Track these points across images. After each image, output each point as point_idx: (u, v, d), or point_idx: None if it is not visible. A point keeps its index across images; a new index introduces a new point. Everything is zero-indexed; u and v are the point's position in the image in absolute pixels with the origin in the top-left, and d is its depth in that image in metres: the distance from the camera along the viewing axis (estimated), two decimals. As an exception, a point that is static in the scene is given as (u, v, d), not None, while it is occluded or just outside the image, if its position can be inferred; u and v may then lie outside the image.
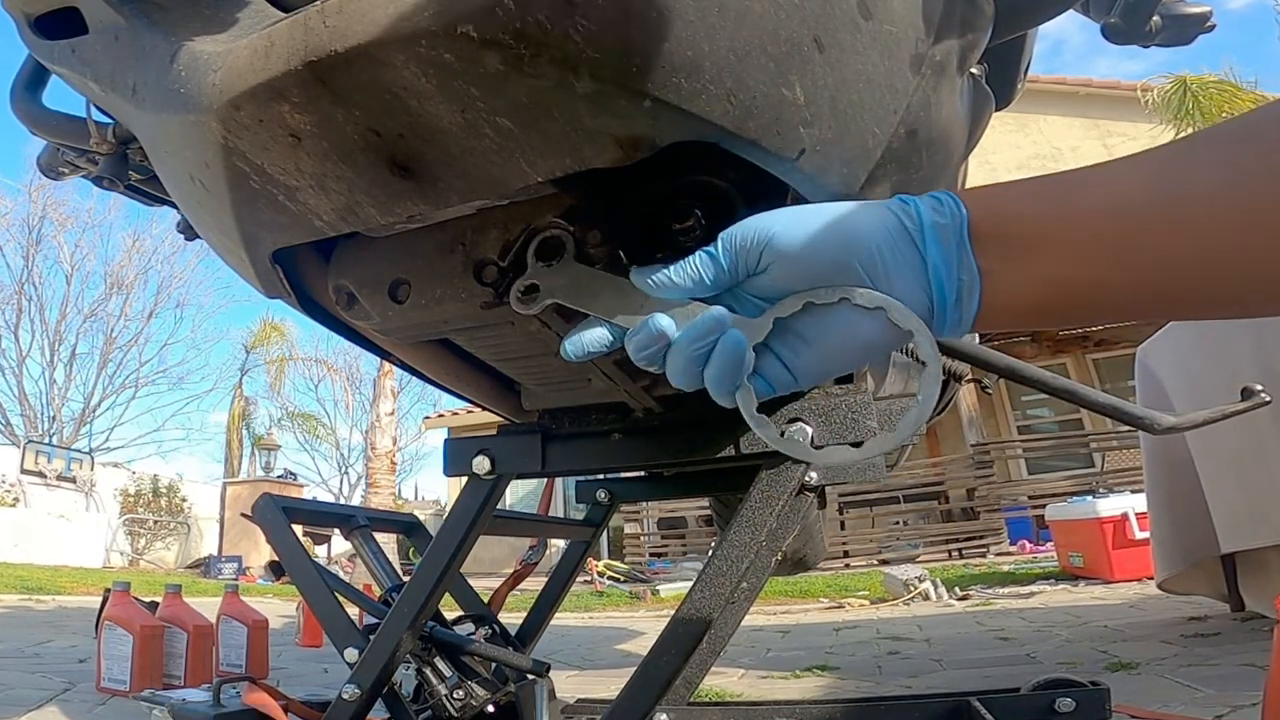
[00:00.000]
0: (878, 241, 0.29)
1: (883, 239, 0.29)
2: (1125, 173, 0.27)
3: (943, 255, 0.29)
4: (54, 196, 13.99)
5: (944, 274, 0.29)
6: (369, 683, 0.77)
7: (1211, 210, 0.24)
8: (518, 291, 0.45)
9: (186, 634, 1.76)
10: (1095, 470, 6.67)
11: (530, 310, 0.45)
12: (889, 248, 0.29)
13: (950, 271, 0.29)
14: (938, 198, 0.30)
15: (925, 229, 0.29)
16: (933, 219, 0.29)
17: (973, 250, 0.28)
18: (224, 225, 0.52)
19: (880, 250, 0.29)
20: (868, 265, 0.29)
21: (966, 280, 0.29)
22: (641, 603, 4.74)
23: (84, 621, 2.63)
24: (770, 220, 0.31)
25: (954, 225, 0.29)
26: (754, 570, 0.68)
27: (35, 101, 0.64)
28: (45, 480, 9.07)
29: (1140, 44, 0.74)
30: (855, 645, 2.40)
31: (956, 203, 0.29)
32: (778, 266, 0.31)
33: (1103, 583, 3.51)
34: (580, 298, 0.42)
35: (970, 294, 0.29)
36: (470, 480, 0.77)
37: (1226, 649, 1.64)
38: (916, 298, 0.29)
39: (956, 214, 0.29)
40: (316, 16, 0.40)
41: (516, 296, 0.45)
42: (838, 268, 0.30)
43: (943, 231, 0.29)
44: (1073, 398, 0.79)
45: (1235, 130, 0.26)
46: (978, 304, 0.29)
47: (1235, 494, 1.57)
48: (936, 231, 0.29)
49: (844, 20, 0.44)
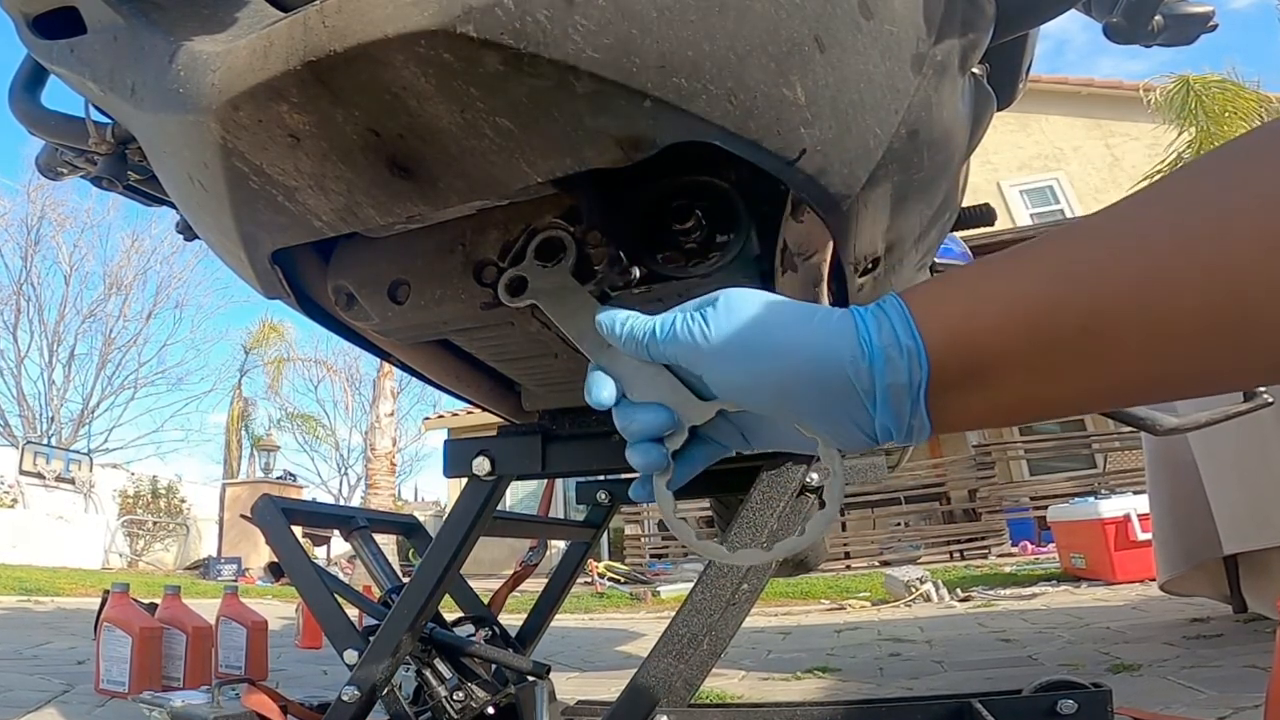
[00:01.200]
0: (820, 401, 0.27)
1: (828, 398, 0.27)
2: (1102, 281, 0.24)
3: (894, 417, 0.27)
4: (53, 197, 14.00)
5: (892, 428, 0.27)
6: (368, 685, 0.77)
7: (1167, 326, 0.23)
8: (505, 280, 0.45)
9: (185, 635, 1.75)
10: (1097, 471, 6.66)
11: (513, 303, 0.45)
12: (834, 405, 0.27)
13: (899, 426, 0.27)
14: (899, 342, 0.26)
15: (878, 392, 0.27)
16: (888, 380, 0.26)
17: (926, 403, 0.27)
18: (223, 225, 0.52)
19: (821, 408, 0.28)
20: (806, 416, 0.28)
21: (916, 426, 0.27)
22: (642, 604, 4.74)
23: (83, 623, 2.63)
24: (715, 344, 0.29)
25: (910, 385, 0.26)
26: (755, 572, 0.67)
27: (34, 101, 0.64)
28: (44, 481, 9.06)
29: (1142, 44, 0.73)
30: (856, 647, 2.40)
31: (919, 350, 0.26)
32: (716, 388, 0.29)
33: (1105, 584, 3.50)
34: (558, 309, 0.42)
35: (919, 434, 0.28)
36: (470, 481, 0.77)
37: (1229, 650, 1.64)
38: (856, 438, 0.28)
39: (917, 371, 0.26)
40: (316, 16, 0.40)
41: (504, 285, 0.45)
42: (776, 407, 0.28)
43: (896, 393, 0.26)
44: (1074, 399, 0.79)
45: None
46: (925, 437, 0.28)
47: (1237, 495, 1.57)
48: (889, 394, 0.27)
49: (845, 20, 0.44)
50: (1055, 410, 0.27)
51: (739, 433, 0.32)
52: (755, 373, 0.28)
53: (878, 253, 0.59)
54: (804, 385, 0.27)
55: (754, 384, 0.28)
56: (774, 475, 0.68)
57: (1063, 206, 8.46)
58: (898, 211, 0.58)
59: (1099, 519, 3.57)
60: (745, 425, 0.31)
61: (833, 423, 0.28)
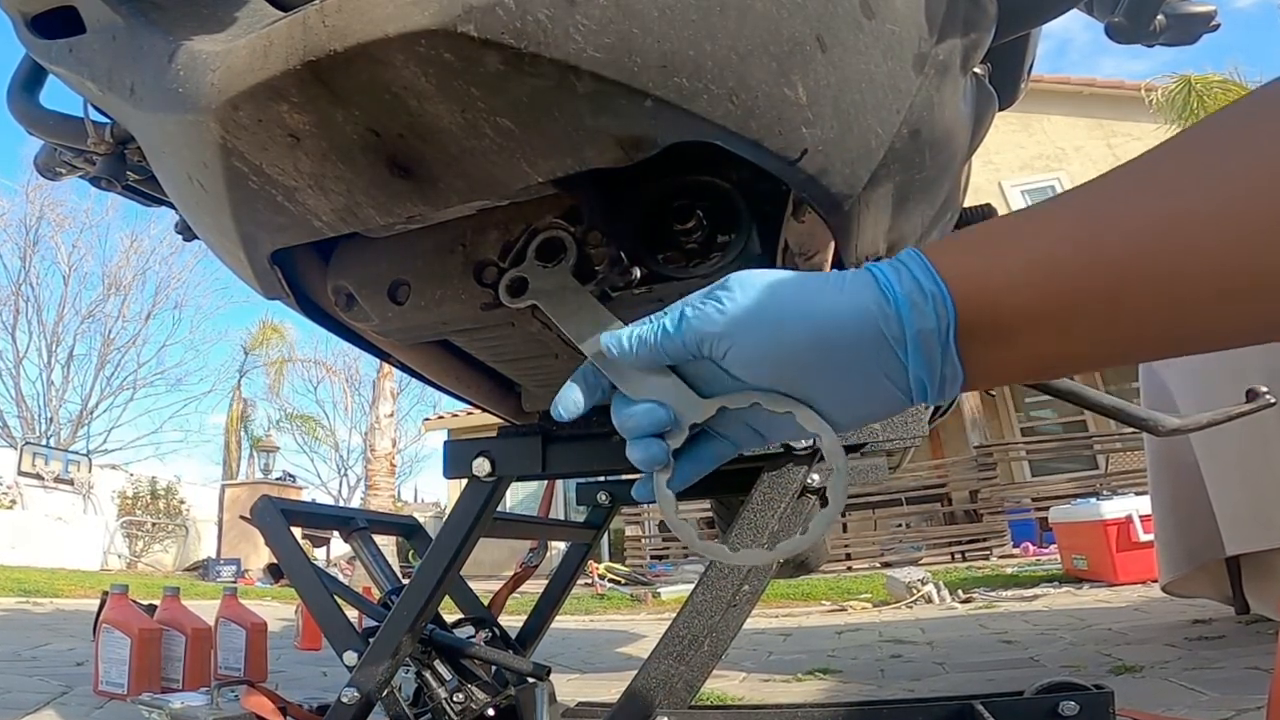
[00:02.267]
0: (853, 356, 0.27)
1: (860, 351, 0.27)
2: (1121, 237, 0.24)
3: (926, 364, 0.27)
4: (51, 197, 13.99)
5: (925, 378, 0.27)
6: (368, 686, 0.77)
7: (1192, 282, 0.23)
8: (506, 281, 0.45)
9: (185, 637, 1.75)
10: (1099, 472, 6.65)
11: (513, 304, 0.45)
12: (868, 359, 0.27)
13: (932, 375, 0.27)
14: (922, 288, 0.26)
15: (908, 339, 0.26)
16: (916, 327, 0.26)
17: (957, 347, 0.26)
18: (222, 226, 0.52)
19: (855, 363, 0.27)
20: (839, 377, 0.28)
21: (949, 375, 0.27)
22: (643, 605, 4.74)
23: (81, 624, 2.63)
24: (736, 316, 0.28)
25: (939, 329, 0.26)
26: (755, 573, 0.67)
27: (33, 101, 0.64)
28: (43, 482, 9.05)
29: (1144, 43, 0.73)
30: (857, 648, 2.39)
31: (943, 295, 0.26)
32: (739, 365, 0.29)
33: (1106, 585, 3.50)
34: (559, 310, 0.42)
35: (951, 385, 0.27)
36: (470, 482, 0.76)
37: (1231, 652, 1.64)
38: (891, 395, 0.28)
39: (944, 314, 0.26)
40: (315, 16, 0.40)
41: (505, 285, 0.45)
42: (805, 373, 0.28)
43: (926, 339, 0.26)
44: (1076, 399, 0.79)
45: None
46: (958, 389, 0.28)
47: (1240, 496, 1.57)
48: (920, 341, 0.26)
49: (846, 19, 0.44)
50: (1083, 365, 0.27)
51: (747, 427, 0.31)
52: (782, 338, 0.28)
53: (879, 253, 0.58)
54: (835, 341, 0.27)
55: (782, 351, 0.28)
56: (775, 476, 0.68)
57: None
58: (899, 212, 0.58)
59: (1101, 520, 3.56)
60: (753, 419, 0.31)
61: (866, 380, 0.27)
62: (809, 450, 0.67)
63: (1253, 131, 0.23)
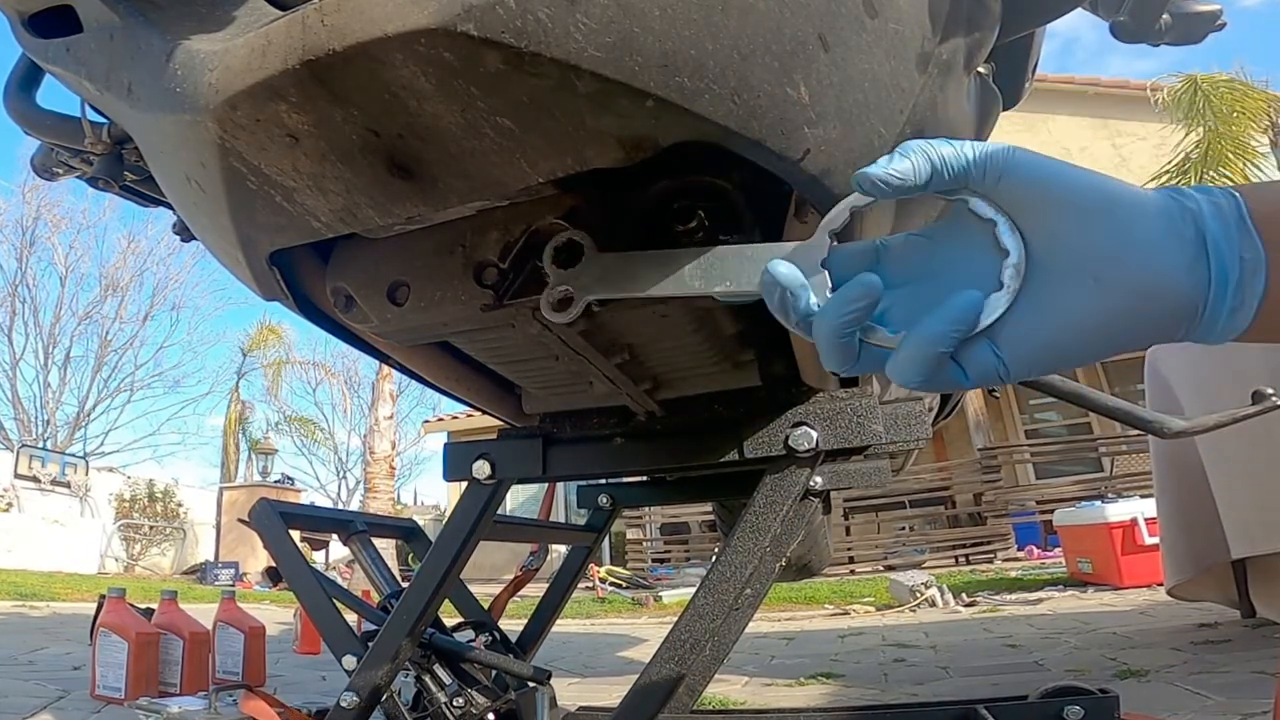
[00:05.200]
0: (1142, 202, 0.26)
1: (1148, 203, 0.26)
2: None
3: (1222, 229, 0.25)
4: (48, 197, 14.01)
5: (1224, 248, 0.25)
6: (367, 690, 0.76)
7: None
8: (550, 303, 0.44)
9: (182, 641, 1.75)
10: (1104, 475, 6.62)
11: (570, 318, 0.44)
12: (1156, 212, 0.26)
13: (1231, 247, 0.25)
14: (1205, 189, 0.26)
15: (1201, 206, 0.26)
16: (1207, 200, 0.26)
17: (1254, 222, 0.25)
18: (220, 227, 0.52)
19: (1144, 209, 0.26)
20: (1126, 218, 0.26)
21: (1249, 259, 0.25)
22: (644, 609, 4.72)
23: (79, 628, 2.62)
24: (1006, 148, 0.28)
25: (1230, 206, 0.26)
26: (758, 576, 0.67)
27: (29, 101, 0.64)
28: (39, 485, 9.04)
29: (1149, 42, 0.73)
30: (860, 652, 2.38)
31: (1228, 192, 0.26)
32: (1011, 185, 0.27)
33: (1112, 589, 3.48)
34: (617, 286, 0.42)
35: (1255, 274, 0.25)
36: (470, 485, 0.76)
37: (1237, 656, 1.63)
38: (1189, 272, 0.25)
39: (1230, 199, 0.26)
40: (314, 15, 0.39)
41: (550, 308, 0.44)
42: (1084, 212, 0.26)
43: (1219, 210, 0.25)
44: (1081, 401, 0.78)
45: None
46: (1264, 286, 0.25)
47: (1246, 499, 1.56)
48: (1214, 209, 0.25)
49: (849, 18, 0.43)
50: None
51: None
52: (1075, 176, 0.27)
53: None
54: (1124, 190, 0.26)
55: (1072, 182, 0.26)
56: (777, 479, 0.68)
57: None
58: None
59: (1106, 523, 3.55)
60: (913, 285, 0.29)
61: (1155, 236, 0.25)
62: (811, 453, 0.67)
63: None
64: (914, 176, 0.28)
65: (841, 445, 0.67)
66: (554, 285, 0.45)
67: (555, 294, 0.44)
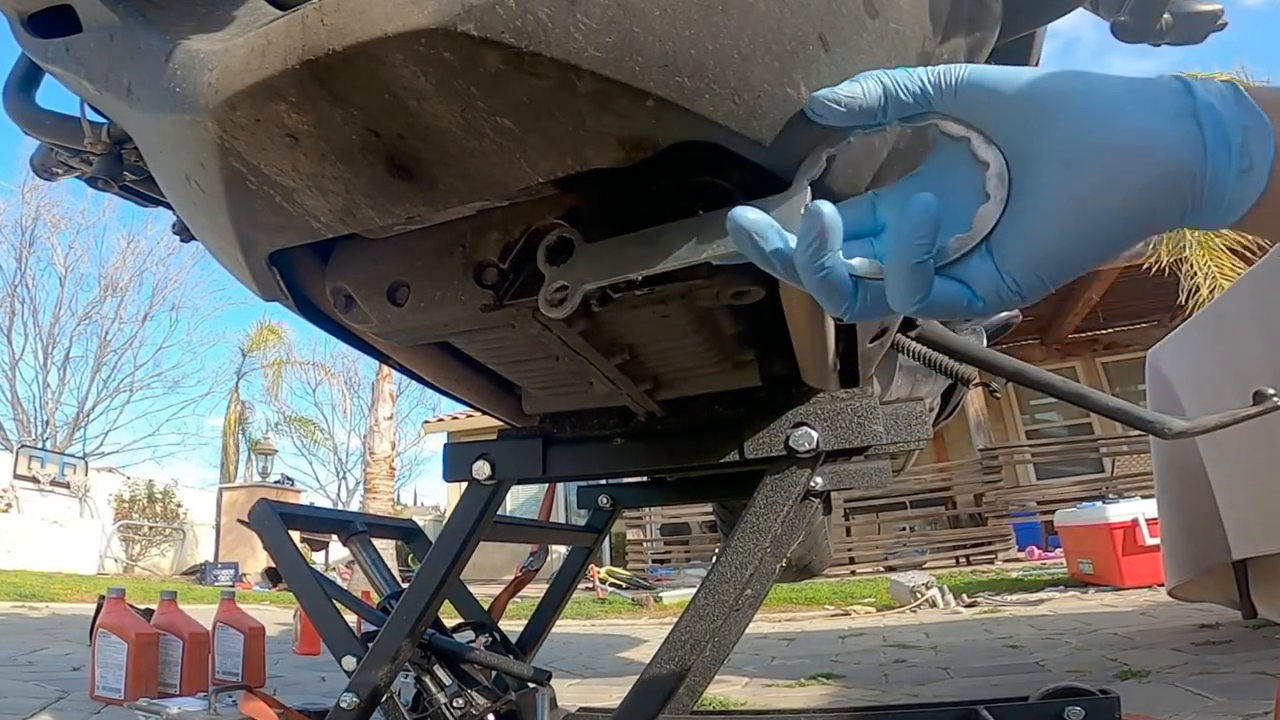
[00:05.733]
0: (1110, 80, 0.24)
1: (1117, 80, 0.24)
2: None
3: (1216, 97, 0.23)
4: (48, 198, 14.02)
5: (1221, 113, 0.23)
6: (367, 691, 0.76)
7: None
8: (548, 298, 0.44)
9: (182, 641, 1.75)
10: (1105, 475, 6.62)
11: (567, 311, 0.44)
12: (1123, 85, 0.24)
13: (1228, 112, 0.23)
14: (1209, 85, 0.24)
15: (1186, 81, 0.24)
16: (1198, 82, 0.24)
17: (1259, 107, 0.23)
18: (220, 227, 0.51)
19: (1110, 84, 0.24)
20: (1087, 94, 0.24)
21: (1251, 125, 0.23)
22: (644, 610, 4.72)
23: (78, 629, 2.62)
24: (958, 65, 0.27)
25: (1226, 86, 0.23)
26: (758, 577, 0.66)
27: (28, 101, 0.63)
28: (39, 485, 9.03)
29: (1150, 42, 0.73)
30: (861, 653, 2.38)
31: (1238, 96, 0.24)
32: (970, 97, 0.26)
33: (1113, 589, 3.48)
34: (610, 270, 0.42)
35: (1262, 138, 0.23)
36: (470, 485, 0.76)
37: (1238, 657, 1.62)
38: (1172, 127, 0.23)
39: (1226, 84, 0.24)
40: (314, 14, 0.39)
41: (548, 304, 0.44)
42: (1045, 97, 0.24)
43: (1211, 87, 0.23)
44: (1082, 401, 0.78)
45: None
46: (1272, 153, 0.23)
47: (1247, 499, 1.55)
48: (1203, 85, 0.24)
49: (850, 18, 0.43)
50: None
51: None
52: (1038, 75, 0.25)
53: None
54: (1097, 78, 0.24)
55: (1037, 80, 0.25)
56: (778, 480, 0.67)
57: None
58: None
59: (1106, 524, 3.55)
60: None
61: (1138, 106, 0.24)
62: (812, 453, 0.67)
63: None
64: (864, 97, 0.28)
65: (842, 446, 0.67)
66: (550, 282, 0.45)
67: (551, 289, 0.44)
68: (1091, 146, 0.24)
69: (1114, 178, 0.24)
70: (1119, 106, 0.24)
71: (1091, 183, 0.24)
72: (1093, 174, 0.24)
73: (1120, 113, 0.24)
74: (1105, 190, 0.24)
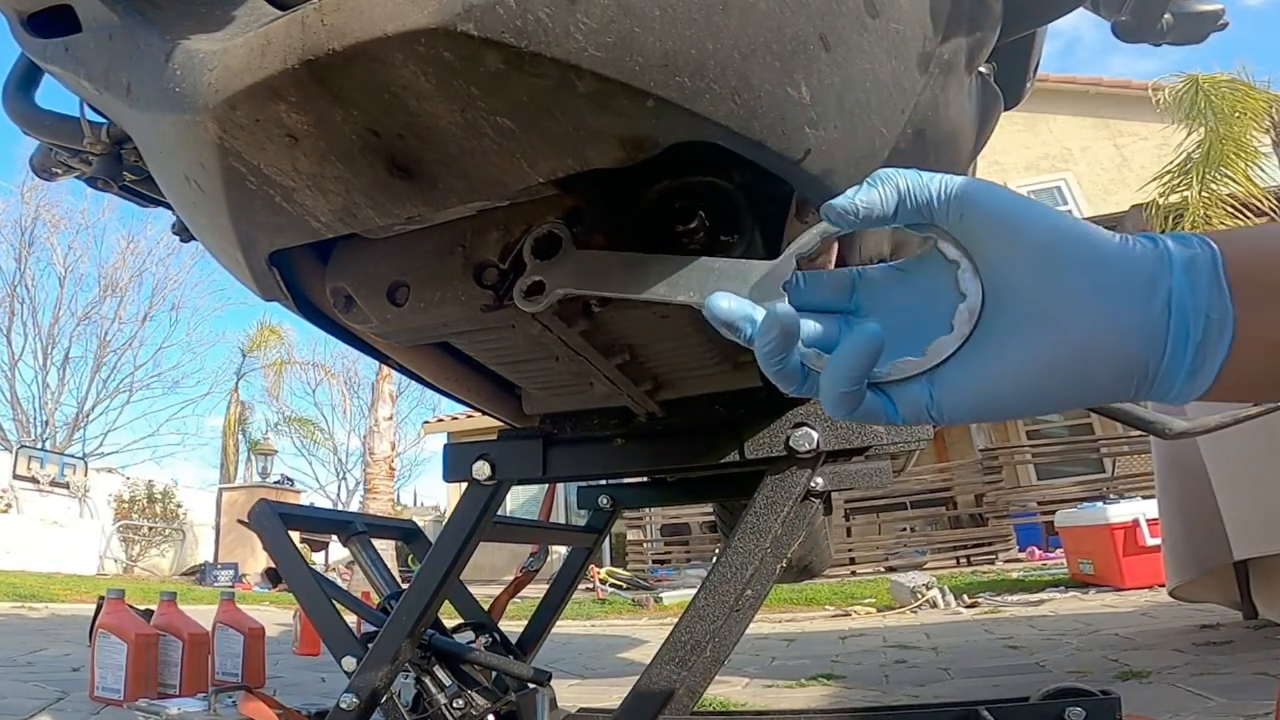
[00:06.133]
0: (1101, 245, 0.24)
1: (1108, 247, 0.24)
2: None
3: (1190, 283, 0.23)
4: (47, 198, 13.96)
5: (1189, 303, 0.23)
6: (367, 692, 0.76)
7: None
8: (521, 290, 0.45)
9: (182, 642, 1.75)
10: (1106, 475, 6.61)
11: (537, 308, 0.44)
12: (1114, 256, 0.24)
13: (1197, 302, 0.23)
14: (1181, 237, 0.24)
15: (1172, 255, 0.24)
16: (1180, 250, 0.24)
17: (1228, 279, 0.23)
18: (220, 227, 0.51)
19: (1101, 252, 0.24)
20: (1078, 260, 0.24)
21: (1216, 319, 0.23)
22: (644, 610, 4.72)
23: (77, 630, 2.62)
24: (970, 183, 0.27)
25: (1205, 258, 0.23)
26: (758, 577, 0.66)
27: (28, 101, 0.63)
28: (38, 486, 9.02)
29: (1151, 42, 0.73)
30: (862, 653, 2.38)
31: (1204, 240, 0.24)
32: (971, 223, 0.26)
33: (1113, 590, 3.48)
34: (588, 283, 0.42)
35: (1219, 335, 0.23)
36: (470, 486, 0.76)
37: (1239, 657, 1.62)
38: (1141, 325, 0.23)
39: (1205, 248, 0.24)
40: (314, 14, 0.39)
41: (521, 295, 0.44)
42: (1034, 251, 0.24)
43: (1192, 262, 0.23)
44: (1083, 402, 0.78)
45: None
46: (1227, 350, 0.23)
47: (1248, 500, 1.55)
48: (1186, 260, 0.23)
49: (851, 18, 0.43)
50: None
51: None
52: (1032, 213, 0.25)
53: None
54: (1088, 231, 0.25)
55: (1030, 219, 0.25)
56: (778, 480, 0.67)
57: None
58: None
59: (1107, 524, 3.55)
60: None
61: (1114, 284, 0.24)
62: (812, 453, 0.67)
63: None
64: (881, 207, 0.27)
65: (842, 446, 0.67)
66: (529, 274, 0.45)
67: (527, 281, 0.45)
68: (1068, 323, 0.24)
69: (1078, 362, 0.24)
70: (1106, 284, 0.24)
71: (1060, 358, 0.24)
72: (1064, 352, 0.24)
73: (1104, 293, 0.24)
74: (1067, 371, 0.24)
